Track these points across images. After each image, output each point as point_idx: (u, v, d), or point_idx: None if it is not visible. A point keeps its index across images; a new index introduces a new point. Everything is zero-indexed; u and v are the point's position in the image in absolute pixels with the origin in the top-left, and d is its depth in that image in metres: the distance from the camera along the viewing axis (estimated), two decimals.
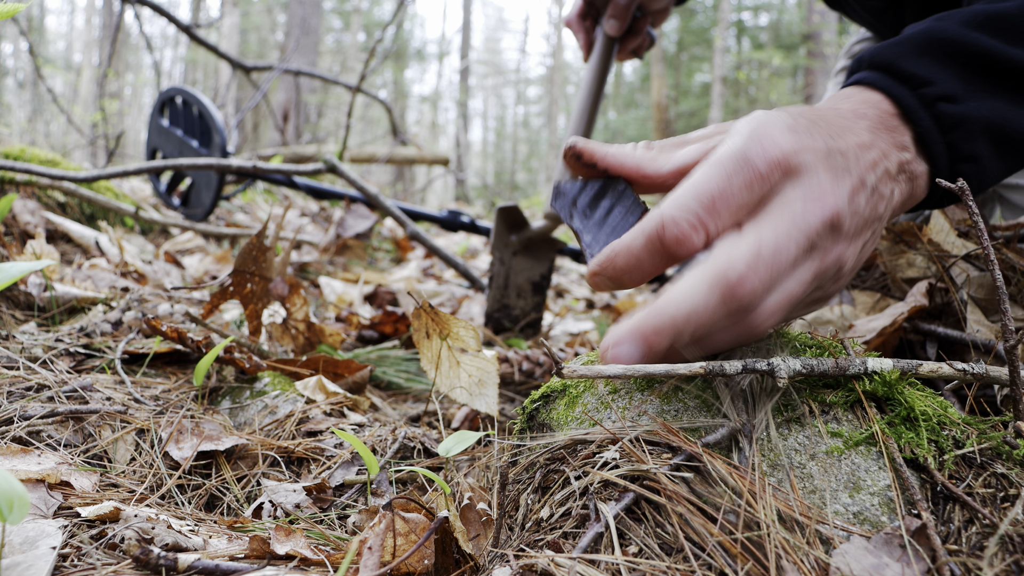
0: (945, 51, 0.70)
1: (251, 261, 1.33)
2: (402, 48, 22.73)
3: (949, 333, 1.05)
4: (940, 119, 0.68)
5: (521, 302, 1.68)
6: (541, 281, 1.68)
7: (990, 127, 0.69)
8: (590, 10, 1.68)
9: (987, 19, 0.71)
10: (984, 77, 0.70)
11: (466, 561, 0.68)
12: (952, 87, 0.69)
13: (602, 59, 1.66)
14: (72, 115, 6.53)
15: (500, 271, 1.66)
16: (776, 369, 0.62)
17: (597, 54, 1.66)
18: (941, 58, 0.69)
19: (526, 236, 1.63)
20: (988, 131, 0.69)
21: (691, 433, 0.67)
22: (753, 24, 18.98)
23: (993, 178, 0.73)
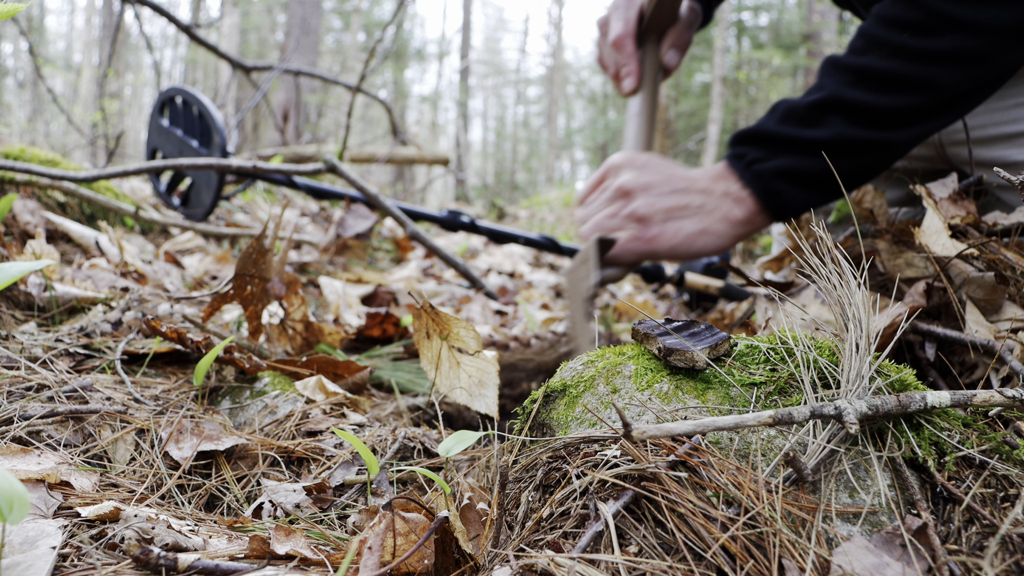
0: (755, 137, 1.29)
1: (251, 264, 1.33)
2: (402, 48, 22.72)
3: (948, 334, 1.05)
4: (750, 167, 1.28)
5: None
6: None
7: (782, 171, 1.25)
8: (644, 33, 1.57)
9: (784, 114, 1.26)
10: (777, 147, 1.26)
11: (466, 561, 0.68)
12: (758, 154, 1.28)
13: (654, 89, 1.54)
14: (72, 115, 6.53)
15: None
16: (844, 413, 0.60)
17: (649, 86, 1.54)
18: (754, 141, 1.29)
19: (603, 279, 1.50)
20: (781, 174, 1.25)
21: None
22: (753, 24, 18.97)
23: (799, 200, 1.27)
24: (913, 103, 1.17)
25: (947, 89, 1.16)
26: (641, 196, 1.30)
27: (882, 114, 1.19)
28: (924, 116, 1.19)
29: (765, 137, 1.27)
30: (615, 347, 0.87)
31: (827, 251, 0.73)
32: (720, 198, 1.29)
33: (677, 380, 0.75)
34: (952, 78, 1.15)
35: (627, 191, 1.31)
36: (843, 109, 1.20)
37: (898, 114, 1.19)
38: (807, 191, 1.26)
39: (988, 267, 1.07)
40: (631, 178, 1.31)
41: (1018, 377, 0.89)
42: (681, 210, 1.29)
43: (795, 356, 0.75)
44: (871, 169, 1.26)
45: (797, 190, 1.25)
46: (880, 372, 0.74)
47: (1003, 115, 1.42)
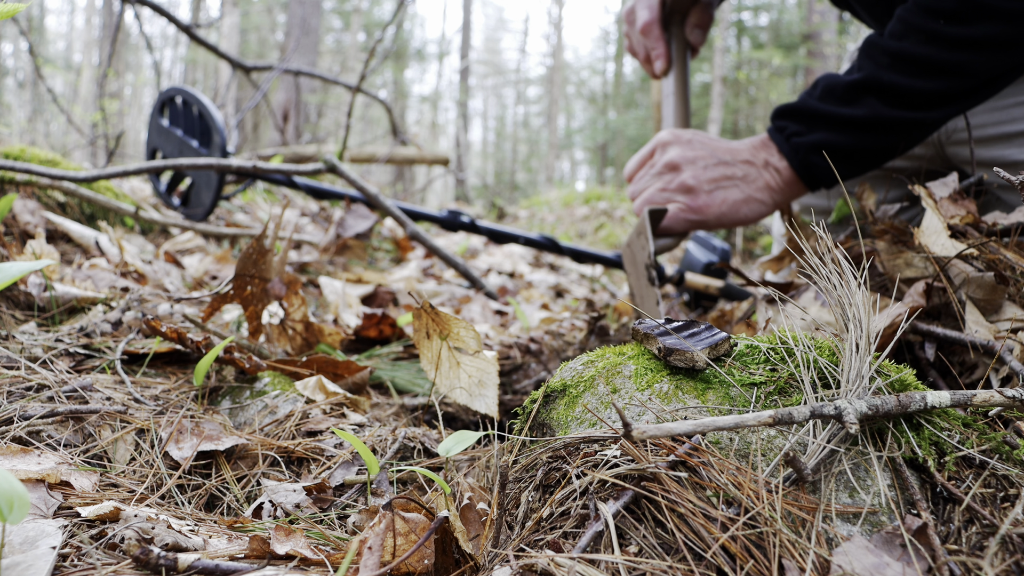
0: (796, 113, 1.37)
1: (251, 265, 1.33)
2: (402, 48, 22.71)
3: (948, 334, 1.05)
4: (789, 140, 1.37)
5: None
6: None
7: (818, 145, 1.33)
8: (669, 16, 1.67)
9: (824, 91, 1.34)
10: (816, 122, 1.34)
11: (466, 561, 0.68)
12: (797, 128, 1.36)
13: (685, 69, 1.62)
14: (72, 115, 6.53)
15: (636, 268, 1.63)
16: (844, 413, 0.60)
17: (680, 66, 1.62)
18: (794, 116, 1.37)
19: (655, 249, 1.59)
20: (817, 147, 1.34)
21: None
22: (753, 24, 18.96)
23: (831, 173, 1.36)
24: (946, 87, 1.24)
25: (978, 74, 1.23)
26: (688, 168, 1.40)
27: (916, 96, 1.25)
28: (955, 99, 1.26)
29: (805, 112, 1.35)
30: (615, 347, 0.87)
31: (827, 251, 0.73)
32: (761, 168, 1.40)
33: (677, 380, 0.75)
34: (984, 64, 1.21)
35: (675, 165, 1.41)
36: (879, 90, 1.27)
37: (931, 96, 1.25)
38: (841, 163, 1.34)
39: (988, 267, 1.07)
40: (678, 152, 1.41)
41: (1018, 377, 0.89)
42: (727, 180, 1.40)
43: (795, 356, 0.75)
44: (900, 146, 1.33)
45: (829, 162, 1.34)
46: (880, 372, 0.74)
47: (1003, 114, 1.43)
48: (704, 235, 2.74)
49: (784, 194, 1.41)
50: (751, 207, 1.41)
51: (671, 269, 2.70)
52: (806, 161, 1.35)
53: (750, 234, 6.67)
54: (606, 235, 7.20)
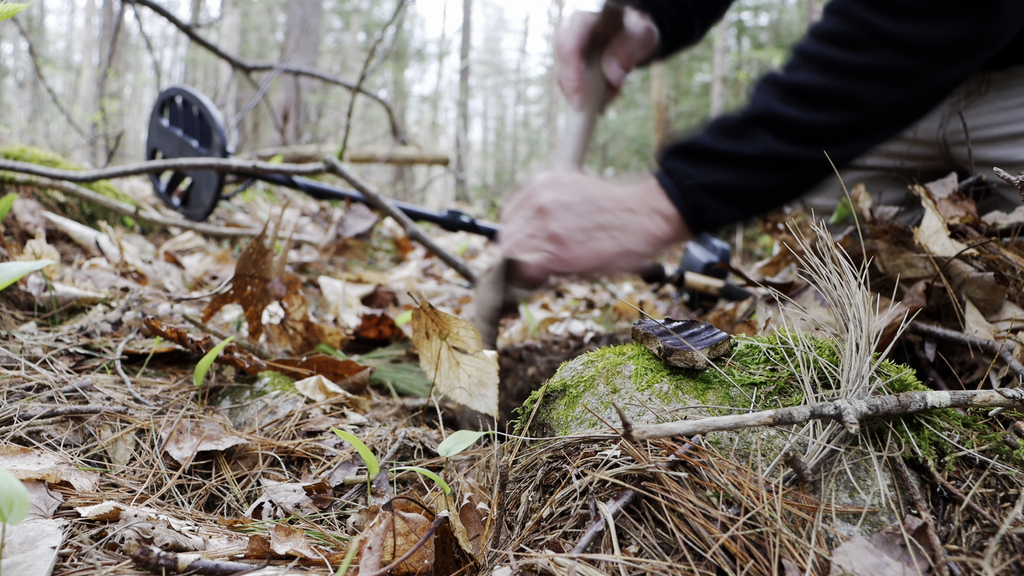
0: (686, 151, 1.25)
1: (251, 265, 1.33)
2: (402, 48, 22.71)
3: (948, 334, 1.05)
4: (679, 184, 1.24)
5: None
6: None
7: (709, 186, 1.22)
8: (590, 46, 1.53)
9: (717, 126, 1.23)
10: (707, 161, 1.22)
11: (466, 561, 0.68)
12: (688, 171, 1.23)
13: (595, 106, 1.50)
14: (72, 115, 6.53)
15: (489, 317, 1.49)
16: (844, 413, 0.60)
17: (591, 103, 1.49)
18: (684, 155, 1.25)
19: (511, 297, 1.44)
20: (709, 189, 1.22)
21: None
22: (753, 24, 18.96)
23: (724, 215, 1.24)
24: (841, 120, 1.16)
25: (875, 108, 1.15)
26: (560, 216, 1.27)
27: (811, 131, 1.17)
28: (852, 135, 1.18)
29: (694, 151, 1.24)
30: (615, 347, 0.87)
31: (827, 251, 0.73)
32: (645, 217, 1.27)
33: (677, 380, 0.75)
34: (880, 97, 1.14)
35: (546, 210, 1.27)
36: (772, 124, 1.18)
37: (826, 131, 1.17)
38: (733, 207, 1.24)
39: (988, 267, 1.08)
40: (552, 197, 1.27)
41: (1018, 377, 0.89)
42: (601, 230, 1.26)
43: (795, 356, 0.75)
44: (799, 187, 1.24)
45: (722, 205, 1.24)
46: (880, 372, 0.74)
47: (1008, 115, 1.42)
48: (704, 235, 2.73)
49: (667, 242, 1.29)
50: (627, 260, 1.28)
51: (671, 269, 2.70)
52: (697, 204, 1.23)
53: (750, 234, 6.67)
54: None
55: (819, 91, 1.15)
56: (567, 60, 1.51)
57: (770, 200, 1.26)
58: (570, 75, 1.51)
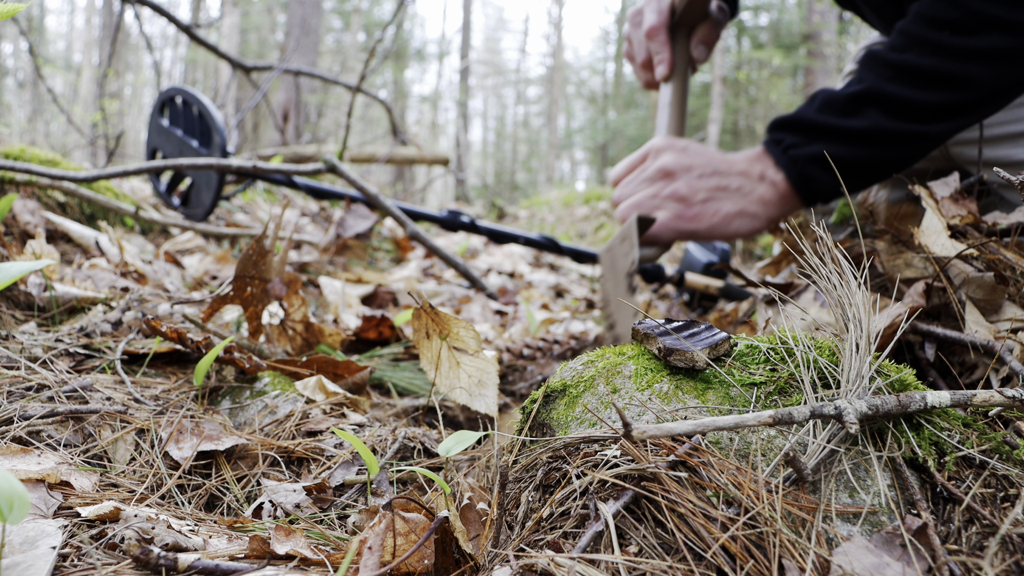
0: (793, 125, 1.34)
1: (251, 266, 1.33)
2: (402, 48, 22.71)
3: (948, 334, 1.05)
4: (786, 152, 1.33)
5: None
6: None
7: (816, 157, 1.30)
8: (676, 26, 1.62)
9: (823, 103, 1.31)
10: (814, 134, 1.31)
11: (466, 561, 0.68)
12: (794, 140, 1.33)
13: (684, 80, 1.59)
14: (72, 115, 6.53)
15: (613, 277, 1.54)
16: (844, 413, 0.60)
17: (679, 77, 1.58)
18: (791, 128, 1.34)
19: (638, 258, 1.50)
20: (816, 160, 1.30)
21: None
22: (753, 24, 18.97)
23: (831, 186, 1.32)
24: (950, 99, 1.22)
25: (984, 86, 1.21)
26: (683, 177, 1.37)
27: (919, 108, 1.23)
28: (959, 111, 1.24)
29: (803, 124, 1.32)
30: (615, 347, 0.87)
31: (827, 251, 0.73)
32: (756, 181, 1.36)
33: (677, 380, 0.75)
34: (989, 75, 1.19)
35: (669, 172, 1.37)
36: (881, 102, 1.25)
37: (935, 109, 1.23)
38: (839, 177, 1.30)
39: (988, 267, 1.07)
40: (673, 159, 1.37)
41: (1018, 377, 0.89)
42: (721, 191, 1.36)
43: (795, 356, 0.75)
44: (903, 160, 1.30)
45: (830, 176, 1.31)
46: (880, 372, 0.74)
47: (1008, 115, 1.43)
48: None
49: (779, 208, 1.37)
50: (743, 221, 1.37)
51: (671, 269, 2.70)
52: (804, 173, 1.32)
53: None
54: (606, 235, 7.20)
55: (929, 72, 1.21)
56: (655, 34, 1.61)
57: (876, 172, 1.32)
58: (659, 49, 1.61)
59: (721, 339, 0.78)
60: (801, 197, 1.35)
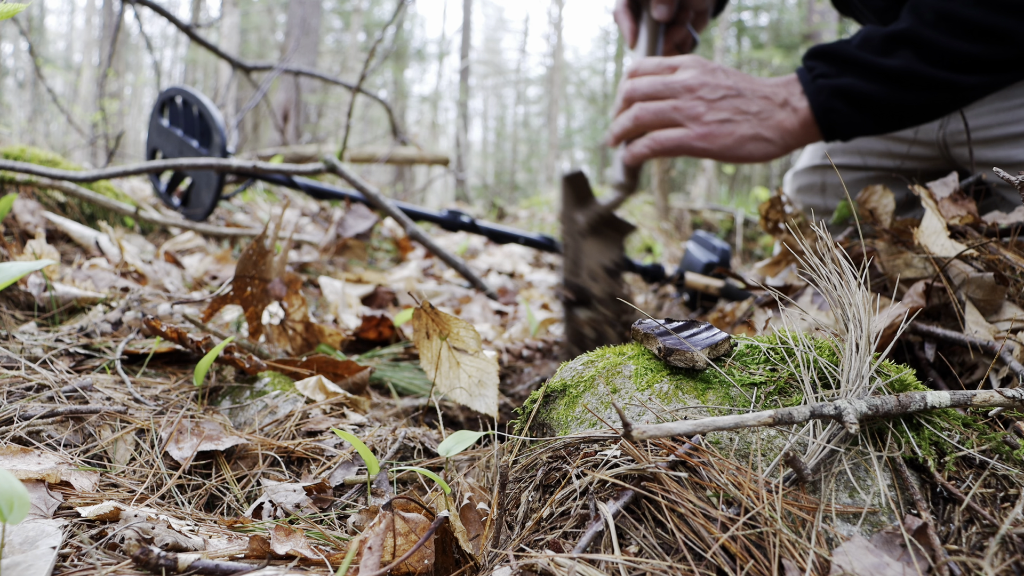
0: (828, 55, 1.32)
1: (251, 266, 1.33)
2: (402, 48, 22.71)
3: (948, 334, 1.05)
4: (815, 80, 1.32)
5: (597, 285, 1.59)
6: (613, 267, 1.58)
7: (842, 90, 1.29)
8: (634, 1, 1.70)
9: (862, 39, 1.30)
10: (846, 66, 1.29)
11: (466, 561, 0.68)
12: (825, 70, 1.31)
13: (650, 45, 1.64)
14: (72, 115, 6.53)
15: (571, 247, 1.58)
16: (844, 413, 0.60)
17: (644, 40, 1.64)
18: (825, 58, 1.32)
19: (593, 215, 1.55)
20: (841, 92, 1.29)
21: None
22: (753, 24, 18.97)
23: (852, 121, 1.31)
24: (987, 52, 1.21)
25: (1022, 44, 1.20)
26: (704, 96, 1.36)
27: (954, 57, 1.22)
28: (994, 67, 1.23)
29: (837, 55, 1.31)
30: (615, 347, 0.87)
31: (827, 251, 0.73)
32: (778, 106, 1.35)
33: (677, 380, 0.75)
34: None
35: (691, 88, 1.36)
36: (918, 44, 1.24)
37: (970, 60, 1.22)
38: (861, 114, 1.30)
39: (988, 267, 1.08)
40: (699, 77, 1.37)
41: (1018, 377, 0.89)
42: (740, 113, 1.35)
43: (795, 356, 0.75)
44: (929, 109, 1.29)
45: (852, 111, 1.30)
46: (880, 372, 0.74)
47: (1008, 115, 1.43)
48: (704, 235, 2.74)
49: (797, 138, 1.36)
50: (758, 145, 1.35)
51: (671, 269, 2.70)
52: (827, 104, 1.30)
53: (750, 234, 6.67)
54: None
55: (971, 21, 1.20)
56: (615, 16, 1.72)
57: (898, 116, 1.31)
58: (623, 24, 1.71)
59: (721, 339, 0.78)
60: (821, 128, 1.33)
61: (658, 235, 7.14)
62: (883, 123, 1.33)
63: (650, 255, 6.44)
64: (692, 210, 8.00)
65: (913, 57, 1.24)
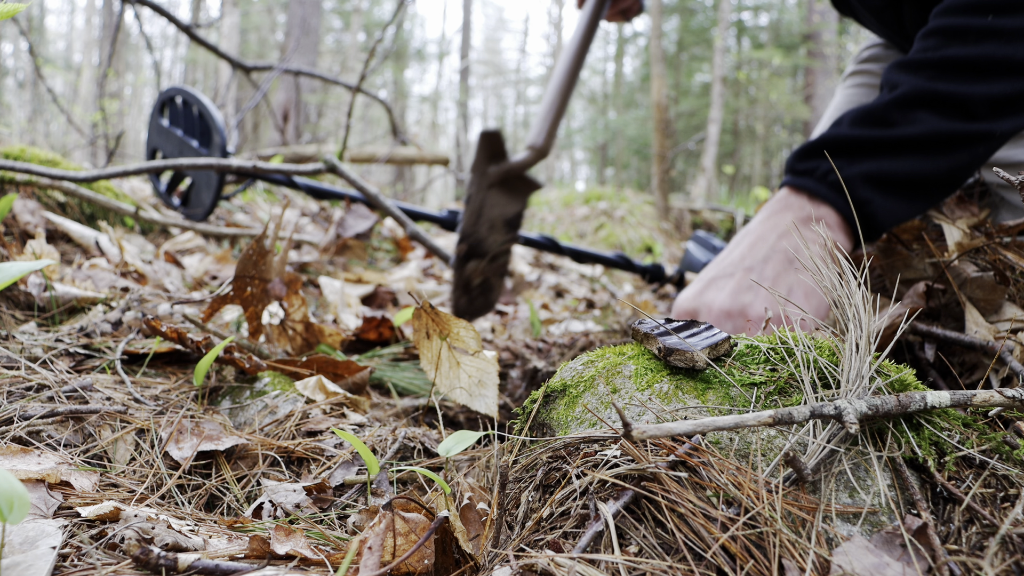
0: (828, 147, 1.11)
1: (251, 266, 1.33)
2: (402, 48, 22.71)
3: (948, 334, 1.05)
4: (826, 178, 1.10)
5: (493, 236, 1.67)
6: (514, 218, 1.67)
7: (869, 176, 1.08)
8: None
9: (855, 119, 1.12)
10: (858, 151, 1.10)
11: (466, 561, 0.68)
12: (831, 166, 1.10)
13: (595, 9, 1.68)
14: (72, 115, 6.53)
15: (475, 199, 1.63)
16: (844, 413, 0.60)
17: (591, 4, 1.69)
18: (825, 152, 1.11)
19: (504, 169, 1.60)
20: (869, 179, 1.08)
21: None
22: (753, 24, 18.99)
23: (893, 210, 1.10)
24: (1009, 88, 1.07)
25: None
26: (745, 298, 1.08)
27: (978, 103, 1.07)
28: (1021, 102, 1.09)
29: (838, 144, 1.10)
30: (615, 347, 0.87)
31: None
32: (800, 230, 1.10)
33: (677, 380, 0.75)
34: None
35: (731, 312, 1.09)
36: (932, 102, 1.08)
37: (996, 102, 1.08)
38: (901, 199, 1.10)
39: (988, 267, 1.08)
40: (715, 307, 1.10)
41: (1018, 377, 0.89)
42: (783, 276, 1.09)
43: (795, 356, 0.75)
44: (964, 169, 1.12)
45: (888, 198, 1.09)
46: (880, 372, 0.74)
47: None
48: (704, 235, 2.74)
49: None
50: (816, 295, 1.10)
51: (671, 269, 2.70)
52: (858, 197, 1.08)
53: None
54: (606, 235, 7.20)
55: (982, 61, 1.07)
56: None
57: (936, 187, 1.12)
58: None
59: (721, 339, 0.78)
60: (853, 229, 1.10)
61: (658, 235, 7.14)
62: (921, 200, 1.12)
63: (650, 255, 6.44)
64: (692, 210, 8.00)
65: (933, 117, 1.08)
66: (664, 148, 8.32)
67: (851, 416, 0.60)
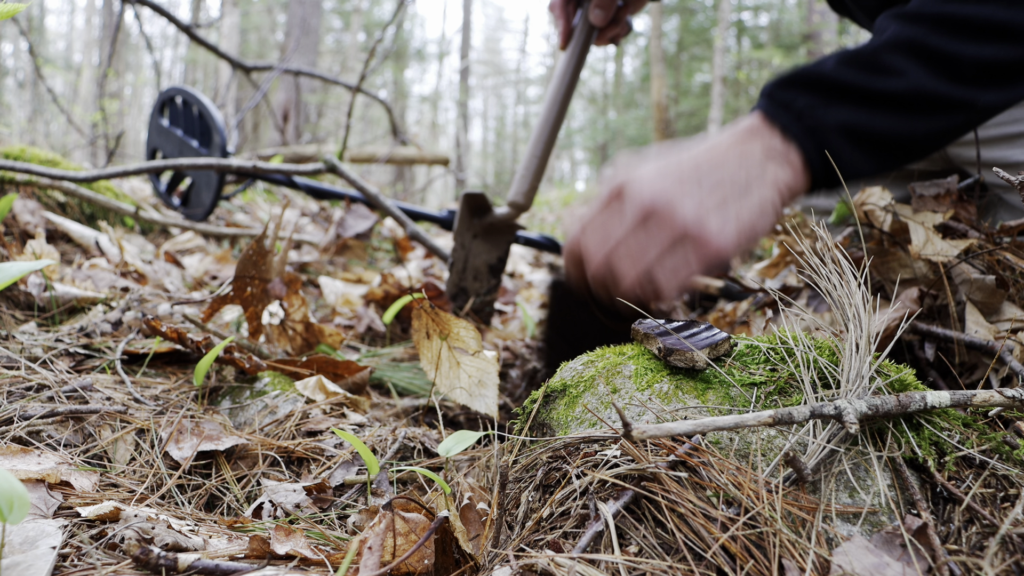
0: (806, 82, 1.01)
1: (251, 266, 1.33)
2: (402, 48, 22.72)
3: (948, 334, 1.05)
4: (801, 118, 0.99)
5: (477, 284, 1.75)
6: (497, 264, 1.75)
7: (844, 127, 0.99)
8: None
9: (843, 59, 1.02)
10: (836, 95, 1.00)
11: (466, 561, 0.68)
12: (809, 102, 1.00)
13: (581, 48, 1.66)
14: (72, 115, 6.53)
15: (460, 255, 1.73)
16: (844, 413, 0.60)
17: (577, 43, 1.66)
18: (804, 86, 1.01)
19: (488, 221, 1.67)
20: (844, 130, 0.99)
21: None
22: (753, 24, 18.99)
23: (860, 166, 1.02)
24: (1006, 55, 1.00)
25: None
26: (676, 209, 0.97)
27: (971, 66, 0.99)
28: (1015, 74, 1.01)
29: (820, 82, 1.01)
30: (615, 347, 0.87)
31: (827, 251, 0.74)
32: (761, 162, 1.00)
33: (677, 380, 0.75)
34: None
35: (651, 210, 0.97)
36: (921, 54, 1.00)
37: (989, 68, 1.00)
38: (869, 156, 1.02)
39: (989, 269, 1.08)
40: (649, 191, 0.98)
41: (1018, 377, 0.89)
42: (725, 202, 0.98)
43: (795, 356, 0.75)
44: (941, 136, 1.05)
45: (859, 153, 1.02)
46: (880, 372, 0.74)
47: (1006, 115, 1.42)
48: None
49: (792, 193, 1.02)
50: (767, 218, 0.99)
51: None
52: (830, 147, 1.00)
53: None
54: None
55: (978, 21, 0.99)
56: (552, 9, 1.67)
57: (909, 150, 1.05)
58: (557, 20, 1.67)
59: (721, 339, 0.78)
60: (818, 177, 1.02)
61: None
62: (892, 160, 1.06)
63: None
64: None
65: (922, 71, 1.00)
66: None
67: (851, 416, 0.60)
